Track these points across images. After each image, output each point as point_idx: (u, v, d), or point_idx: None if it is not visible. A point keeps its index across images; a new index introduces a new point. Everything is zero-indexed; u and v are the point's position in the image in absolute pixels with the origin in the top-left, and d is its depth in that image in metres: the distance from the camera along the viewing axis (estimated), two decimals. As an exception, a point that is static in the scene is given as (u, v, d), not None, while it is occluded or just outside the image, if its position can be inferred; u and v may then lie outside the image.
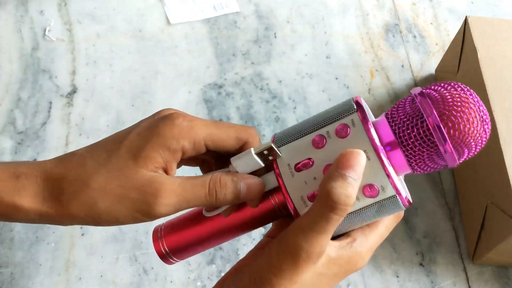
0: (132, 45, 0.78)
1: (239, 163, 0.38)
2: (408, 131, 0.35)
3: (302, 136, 0.37)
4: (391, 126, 0.36)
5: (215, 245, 0.42)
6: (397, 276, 0.64)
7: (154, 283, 0.62)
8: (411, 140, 0.35)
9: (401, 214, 0.40)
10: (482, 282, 0.65)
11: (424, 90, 0.36)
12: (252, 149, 0.38)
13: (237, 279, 0.37)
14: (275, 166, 0.37)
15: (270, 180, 0.39)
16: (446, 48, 0.75)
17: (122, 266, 0.63)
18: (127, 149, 0.37)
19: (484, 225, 0.62)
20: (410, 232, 0.67)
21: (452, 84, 0.36)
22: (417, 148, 0.35)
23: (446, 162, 0.35)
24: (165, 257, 0.41)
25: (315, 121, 0.37)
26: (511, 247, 0.59)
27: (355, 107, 0.36)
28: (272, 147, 0.37)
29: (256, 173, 0.39)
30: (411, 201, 0.38)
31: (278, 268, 0.35)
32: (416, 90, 0.36)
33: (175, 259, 0.42)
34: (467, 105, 0.34)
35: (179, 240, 0.41)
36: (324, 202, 0.34)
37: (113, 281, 0.62)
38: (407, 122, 0.35)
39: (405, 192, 0.37)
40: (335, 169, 0.34)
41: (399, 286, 0.64)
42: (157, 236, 0.41)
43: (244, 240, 0.65)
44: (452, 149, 0.34)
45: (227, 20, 0.82)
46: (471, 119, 0.34)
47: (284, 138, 0.38)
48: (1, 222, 0.64)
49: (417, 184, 0.70)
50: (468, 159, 0.37)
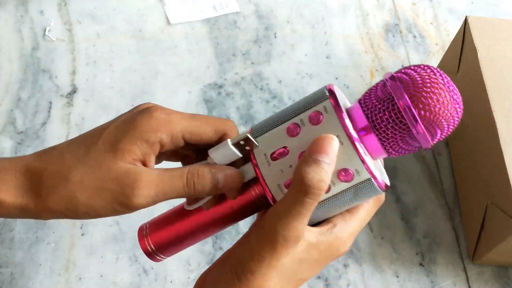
0: (132, 45, 0.78)
1: (217, 154, 0.39)
2: (380, 115, 0.35)
3: (277, 126, 0.38)
4: (364, 111, 0.36)
5: (201, 239, 0.42)
6: (397, 276, 0.64)
7: (154, 283, 0.62)
8: (384, 124, 0.35)
9: (382, 198, 0.41)
10: (482, 282, 0.65)
11: (395, 74, 0.36)
12: (229, 140, 0.38)
13: (220, 269, 0.38)
14: (252, 157, 0.38)
15: (248, 171, 0.39)
16: (446, 48, 0.75)
17: (122, 266, 0.63)
18: (105, 142, 0.37)
19: (484, 225, 0.62)
20: (410, 232, 0.67)
21: (422, 66, 0.36)
22: (390, 131, 0.35)
23: (420, 143, 0.36)
24: (152, 255, 0.42)
25: (290, 110, 0.38)
26: (511, 247, 0.59)
27: (327, 94, 0.36)
28: (248, 137, 0.37)
29: (234, 165, 0.39)
30: (389, 185, 0.38)
31: (258, 255, 0.35)
32: (387, 75, 0.36)
33: (162, 256, 0.42)
34: (437, 86, 0.35)
35: (164, 237, 0.41)
36: (298, 187, 0.34)
37: (113, 281, 0.62)
38: (379, 106, 0.36)
39: (381, 176, 0.37)
40: (308, 155, 0.35)
41: (399, 286, 0.64)
42: (143, 235, 0.42)
43: (244, 240, 0.65)
44: (424, 130, 0.35)
45: (227, 20, 0.82)
46: (441, 99, 0.35)
47: (261, 129, 0.38)
48: (1, 222, 0.64)
49: (417, 184, 0.70)
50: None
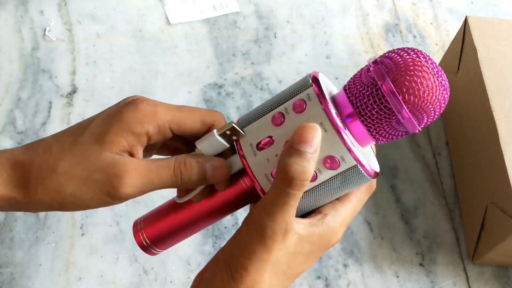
0: (132, 45, 0.78)
1: (203, 145, 0.39)
2: (365, 100, 0.35)
3: (263, 115, 0.38)
4: (349, 97, 0.36)
5: (195, 232, 0.42)
6: (397, 276, 0.64)
7: (154, 283, 0.62)
8: (368, 109, 0.35)
9: (373, 186, 0.40)
10: (482, 282, 0.65)
11: (378, 58, 0.36)
12: (215, 130, 0.38)
13: (215, 267, 0.37)
14: (239, 147, 0.38)
15: (236, 162, 0.39)
16: (446, 48, 0.75)
17: (122, 266, 0.63)
18: (92, 134, 0.37)
19: (484, 225, 0.62)
20: (410, 233, 0.67)
21: (406, 49, 0.35)
22: (375, 117, 0.35)
23: (406, 128, 0.35)
24: (147, 249, 0.42)
25: (275, 100, 0.38)
26: (511, 247, 0.59)
27: (311, 82, 0.36)
28: (234, 127, 0.37)
29: (223, 156, 0.39)
30: (378, 172, 0.38)
31: (249, 250, 0.35)
32: (371, 59, 0.36)
33: (157, 250, 0.42)
34: (421, 69, 0.34)
35: (158, 230, 0.41)
36: (282, 179, 0.34)
37: (113, 281, 0.62)
38: (363, 92, 0.35)
39: (369, 162, 0.37)
40: (291, 145, 0.34)
41: (399, 286, 0.64)
42: (137, 229, 0.42)
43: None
44: (410, 115, 0.34)
45: (227, 20, 0.82)
46: (426, 83, 0.34)
47: (247, 119, 0.38)
48: (1, 222, 0.64)
49: (417, 185, 0.70)
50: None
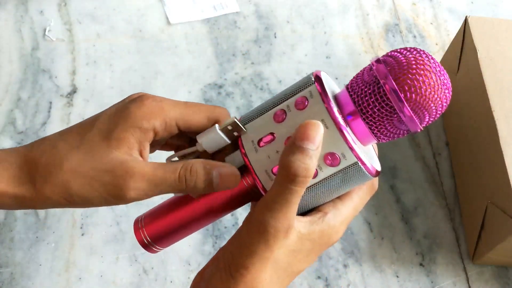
0: (132, 45, 0.78)
1: (205, 140, 0.39)
2: (367, 98, 0.35)
3: (265, 112, 0.38)
4: (351, 96, 0.36)
5: (196, 230, 0.42)
6: (397, 276, 0.64)
7: (154, 283, 0.62)
8: (370, 107, 0.35)
9: (375, 185, 0.40)
10: (482, 282, 0.65)
11: (381, 57, 0.36)
12: (217, 125, 0.38)
13: (215, 267, 0.37)
14: (240, 144, 0.38)
15: (237, 158, 0.39)
16: (446, 48, 0.75)
17: (122, 266, 0.63)
18: (99, 131, 0.37)
19: (484, 225, 0.62)
20: (410, 233, 0.67)
21: (409, 49, 0.36)
22: (377, 115, 0.35)
23: (408, 127, 0.35)
24: (148, 246, 0.42)
25: (278, 97, 0.38)
26: (511, 247, 0.59)
27: (313, 79, 0.36)
28: (236, 122, 0.37)
29: (223, 152, 0.39)
30: (379, 170, 0.38)
31: (250, 248, 0.35)
32: (374, 58, 0.36)
33: (158, 247, 0.42)
34: (423, 68, 0.34)
35: (158, 228, 0.41)
36: (284, 176, 0.34)
37: (113, 281, 0.62)
38: (365, 90, 0.35)
39: (371, 161, 0.37)
40: (293, 142, 0.34)
41: (399, 286, 0.64)
42: (138, 226, 0.42)
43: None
44: (411, 113, 0.34)
45: (227, 20, 0.82)
46: (428, 81, 0.34)
47: (250, 116, 0.39)
48: (1, 222, 0.64)
49: (417, 185, 0.70)
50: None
